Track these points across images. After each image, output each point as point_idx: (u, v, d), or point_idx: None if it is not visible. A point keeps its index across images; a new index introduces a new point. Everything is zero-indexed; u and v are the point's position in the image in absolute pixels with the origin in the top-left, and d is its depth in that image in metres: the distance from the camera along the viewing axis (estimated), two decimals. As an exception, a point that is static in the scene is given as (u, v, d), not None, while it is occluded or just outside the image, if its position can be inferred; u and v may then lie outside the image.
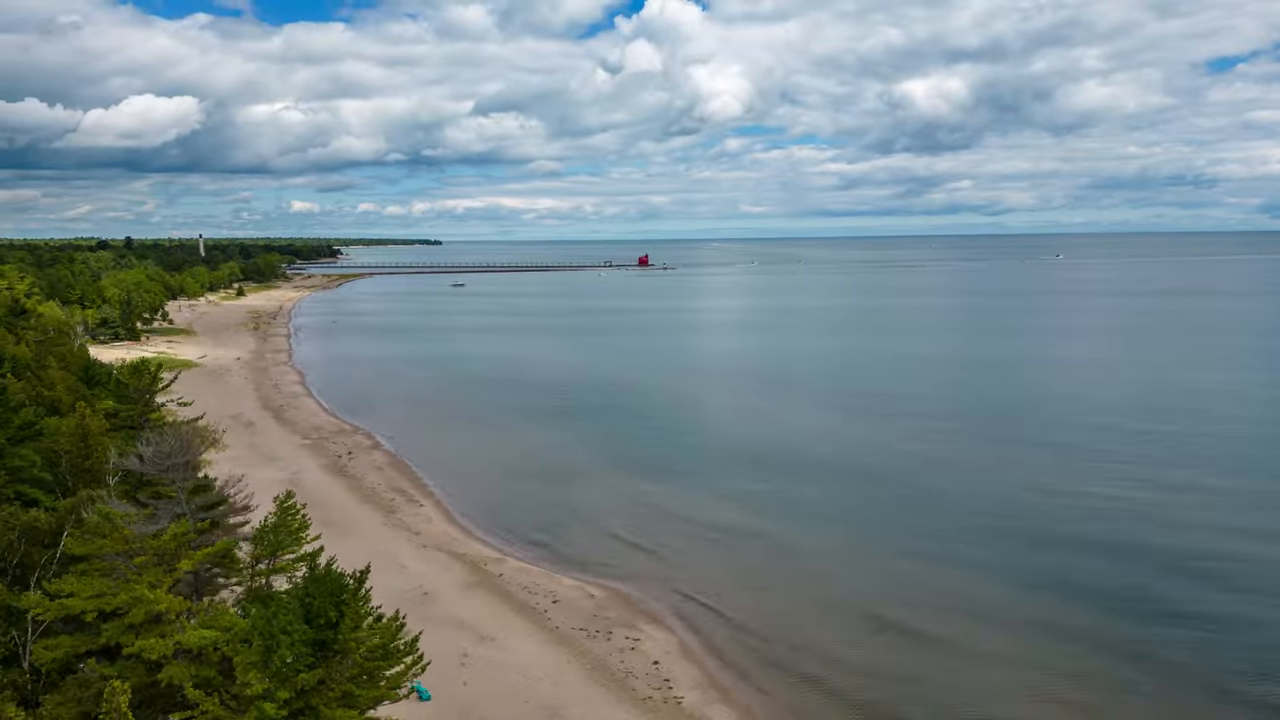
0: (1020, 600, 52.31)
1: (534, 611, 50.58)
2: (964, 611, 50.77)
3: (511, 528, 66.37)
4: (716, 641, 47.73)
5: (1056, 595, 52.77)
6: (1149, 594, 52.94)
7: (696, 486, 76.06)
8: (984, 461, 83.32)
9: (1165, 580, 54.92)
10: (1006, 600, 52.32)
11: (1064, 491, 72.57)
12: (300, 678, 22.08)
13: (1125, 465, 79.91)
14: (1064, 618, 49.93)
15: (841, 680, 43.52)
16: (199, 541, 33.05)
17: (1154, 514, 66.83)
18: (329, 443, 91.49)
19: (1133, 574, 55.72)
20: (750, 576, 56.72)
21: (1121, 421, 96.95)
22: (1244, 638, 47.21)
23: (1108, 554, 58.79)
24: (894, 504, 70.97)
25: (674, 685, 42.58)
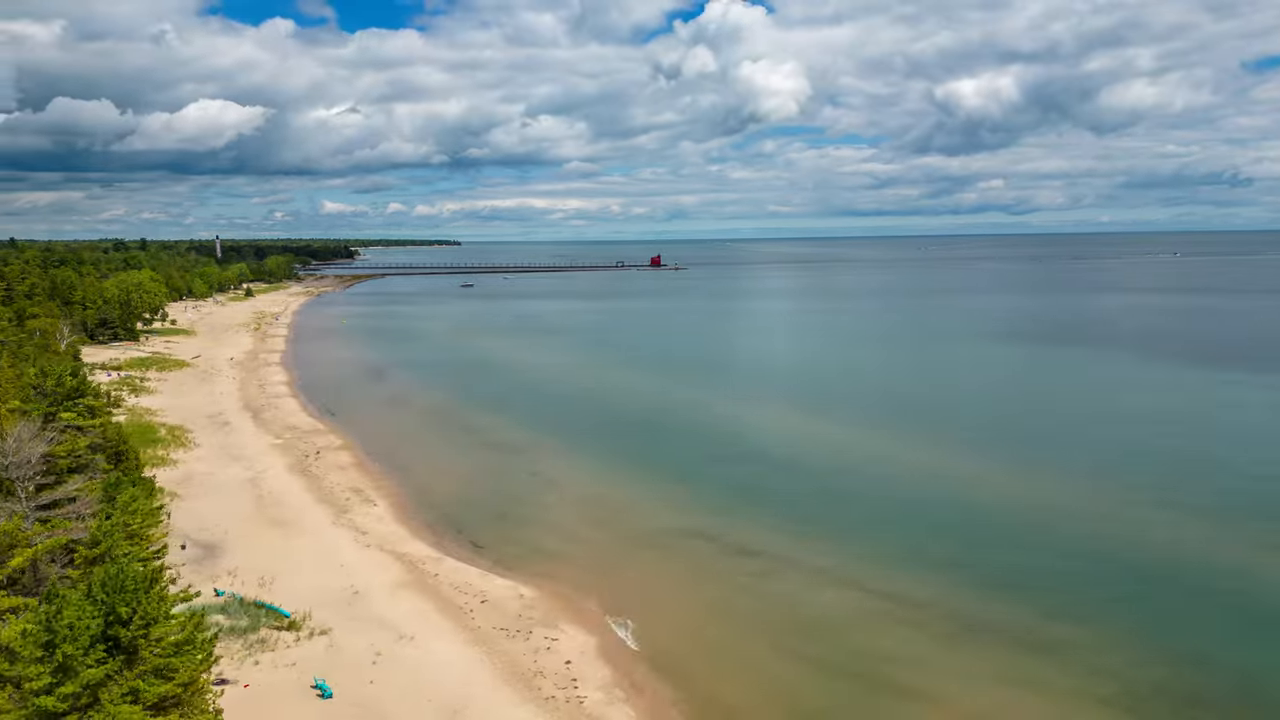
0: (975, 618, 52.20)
1: (459, 611, 50.98)
2: (901, 618, 50.78)
3: (462, 528, 66.81)
4: (638, 643, 47.93)
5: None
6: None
7: (661, 491, 76.07)
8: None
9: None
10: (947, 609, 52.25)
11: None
12: (86, 673, 22.54)
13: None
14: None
15: (755, 684, 43.63)
16: (37, 538, 33.35)
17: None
18: (300, 442, 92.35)
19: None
20: (690, 580, 56.85)
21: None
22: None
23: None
24: (851, 510, 70.87)
25: (580, 685, 42.86)
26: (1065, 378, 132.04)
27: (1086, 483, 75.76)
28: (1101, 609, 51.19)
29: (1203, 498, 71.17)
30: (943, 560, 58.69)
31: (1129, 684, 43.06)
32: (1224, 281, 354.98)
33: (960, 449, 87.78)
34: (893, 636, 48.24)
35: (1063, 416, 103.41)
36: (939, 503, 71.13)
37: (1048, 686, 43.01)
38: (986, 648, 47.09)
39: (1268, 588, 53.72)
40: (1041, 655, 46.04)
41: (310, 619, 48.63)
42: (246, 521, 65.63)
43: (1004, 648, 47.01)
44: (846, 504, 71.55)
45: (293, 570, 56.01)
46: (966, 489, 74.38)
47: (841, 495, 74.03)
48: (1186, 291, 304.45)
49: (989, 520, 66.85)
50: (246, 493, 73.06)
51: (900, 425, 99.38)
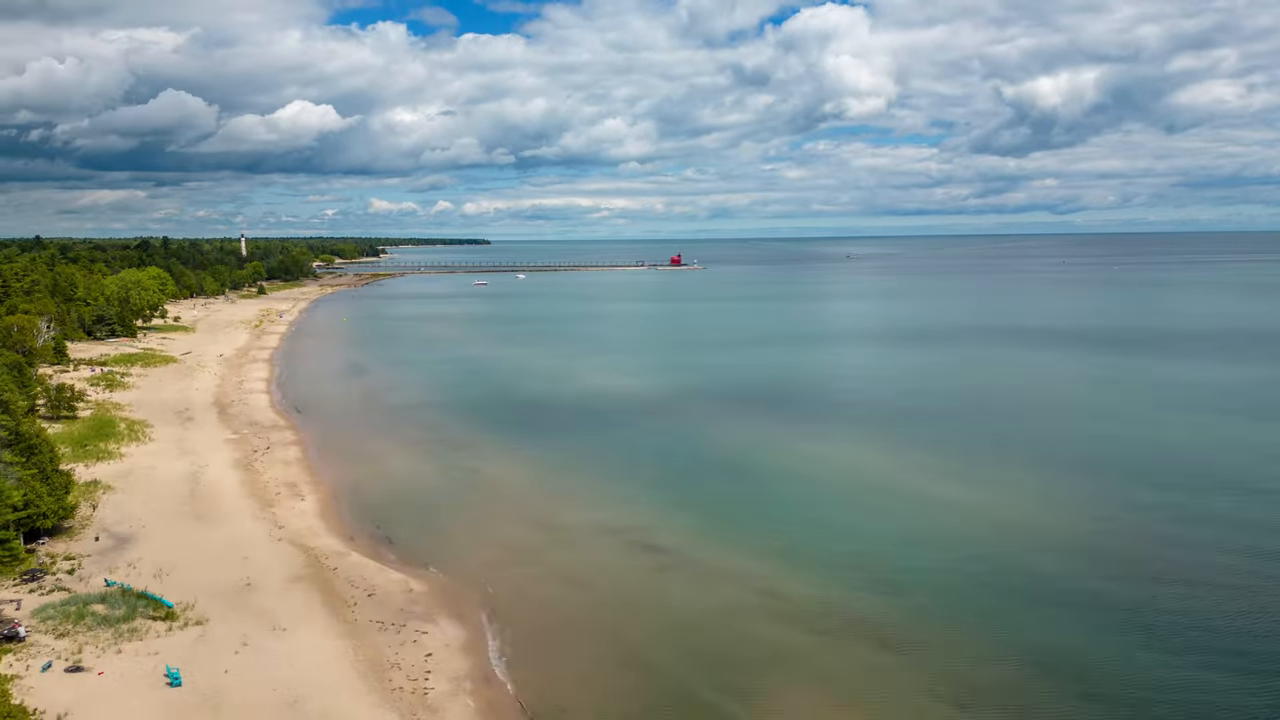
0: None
1: (343, 604, 51.76)
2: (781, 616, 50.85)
3: (381, 523, 67.62)
4: (506, 637, 48.39)
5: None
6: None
7: (591, 489, 76.92)
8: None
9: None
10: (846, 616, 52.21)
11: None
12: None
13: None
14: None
15: (607, 681, 44.00)
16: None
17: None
18: (256, 438, 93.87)
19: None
20: (582, 575, 57.27)
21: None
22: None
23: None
24: (768, 511, 70.95)
25: (433, 677, 43.43)
26: (1022, 378, 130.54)
27: (1011, 482, 75.15)
28: (974, 611, 50.86)
29: (1136, 503, 70.28)
30: (843, 561, 58.64)
31: (976, 685, 42.80)
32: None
33: (910, 451, 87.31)
34: (763, 634, 48.33)
35: (997, 413, 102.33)
36: (863, 505, 71.00)
37: (900, 685, 42.88)
38: (852, 645, 47.01)
39: (1146, 606, 53.05)
40: (901, 654, 45.89)
41: (192, 609, 49.67)
42: (169, 514, 66.96)
43: (868, 645, 46.87)
44: (766, 504, 71.62)
45: (195, 562, 57.12)
46: (898, 491, 74.07)
47: (765, 496, 74.12)
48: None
49: (912, 522, 66.55)
50: (181, 486, 74.49)
51: (856, 430, 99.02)
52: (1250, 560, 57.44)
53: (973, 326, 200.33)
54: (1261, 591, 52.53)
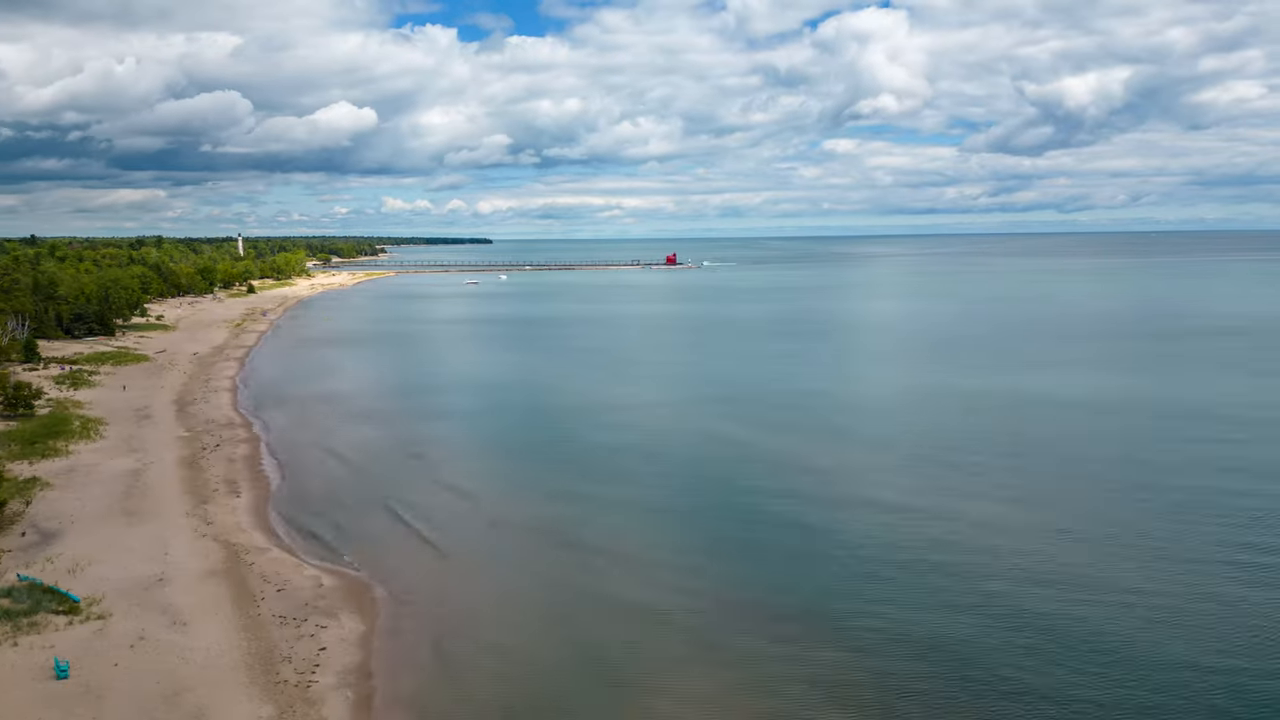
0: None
1: (250, 599, 52.48)
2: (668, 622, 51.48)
3: (310, 519, 68.28)
4: (407, 632, 49.07)
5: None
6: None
7: (532, 486, 77.70)
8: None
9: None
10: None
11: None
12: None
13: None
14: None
15: (493, 678, 44.69)
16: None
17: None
18: (208, 435, 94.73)
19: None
20: (496, 572, 58.02)
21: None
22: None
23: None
24: (705, 512, 71.58)
25: (319, 672, 44.10)
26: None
27: (935, 487, 75.70)
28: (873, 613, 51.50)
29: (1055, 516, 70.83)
30: (775, 560, 59.29)
31: (847, 682, 43.44)
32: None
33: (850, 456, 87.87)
34: (668, 633, 48.98)
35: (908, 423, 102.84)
36: (813, 508, 71.58)
37: (779, 683, 43.53)
38: (740, 649, 47.63)
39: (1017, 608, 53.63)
40: (791, 648, 46.54)
41: (98, 604, 50.42)
42: (101, 511, 67.73)
43: (755, 649, 47.50)
44: (704, 503, 72.22)
45: (114, 558, 57.88)
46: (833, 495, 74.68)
47: (706, 495, 74.70)
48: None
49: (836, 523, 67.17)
50: (120, 483, 75.29)
51: (812, 432, 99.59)
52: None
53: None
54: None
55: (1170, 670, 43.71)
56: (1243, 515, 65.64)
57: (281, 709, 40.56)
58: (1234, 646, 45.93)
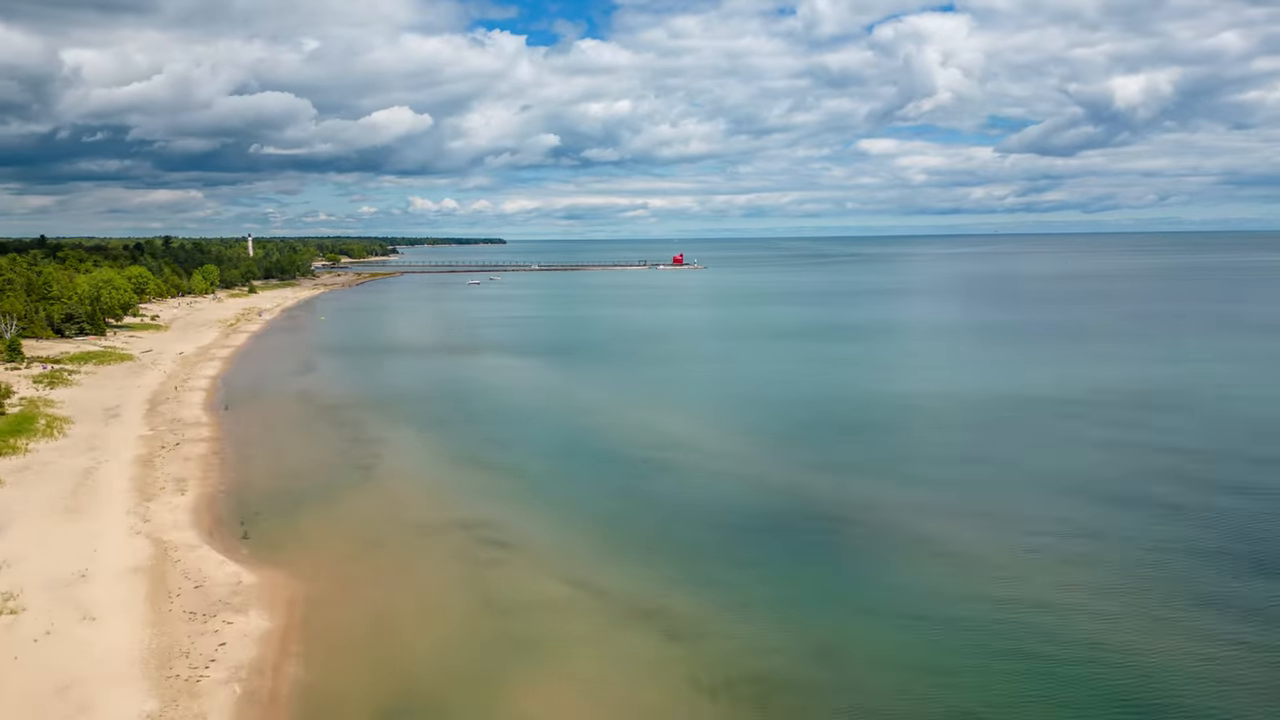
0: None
1: (165, 595, 53.51)
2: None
3: (253, 519, 68.88)
4: (312, 629, 49.94)
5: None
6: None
7: (478, 483, 78.96)
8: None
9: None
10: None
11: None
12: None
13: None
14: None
15: (390, 676, 45.49)
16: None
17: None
18: (171, 434, 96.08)
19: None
20: (415, 569, 58.90)
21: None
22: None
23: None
24: (634, 512, 72.25)
25: (214, 666, 45.02)
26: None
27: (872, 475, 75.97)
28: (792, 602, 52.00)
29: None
30: (689, 554, 59.97)
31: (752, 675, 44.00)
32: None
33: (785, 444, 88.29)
34: (570, 630, 49.73)
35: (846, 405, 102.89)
36: (743, 502, 72.12)
37: (677, 672, 44.19)
38: (642, 636, 48.29)
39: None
40: (688, 643, 47.17)
41: (15, 600, 51.58)
42: (44, 508, 69.02)
43: (659, 636, 48.15)
44: (634, 503, 72.91)
45: (42, 554, 59.07)
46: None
47: (639, 495, 75.35)
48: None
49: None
50: (69, 481, 76.61)
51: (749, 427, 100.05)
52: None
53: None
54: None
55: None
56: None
57: (165, 703, 41.51)
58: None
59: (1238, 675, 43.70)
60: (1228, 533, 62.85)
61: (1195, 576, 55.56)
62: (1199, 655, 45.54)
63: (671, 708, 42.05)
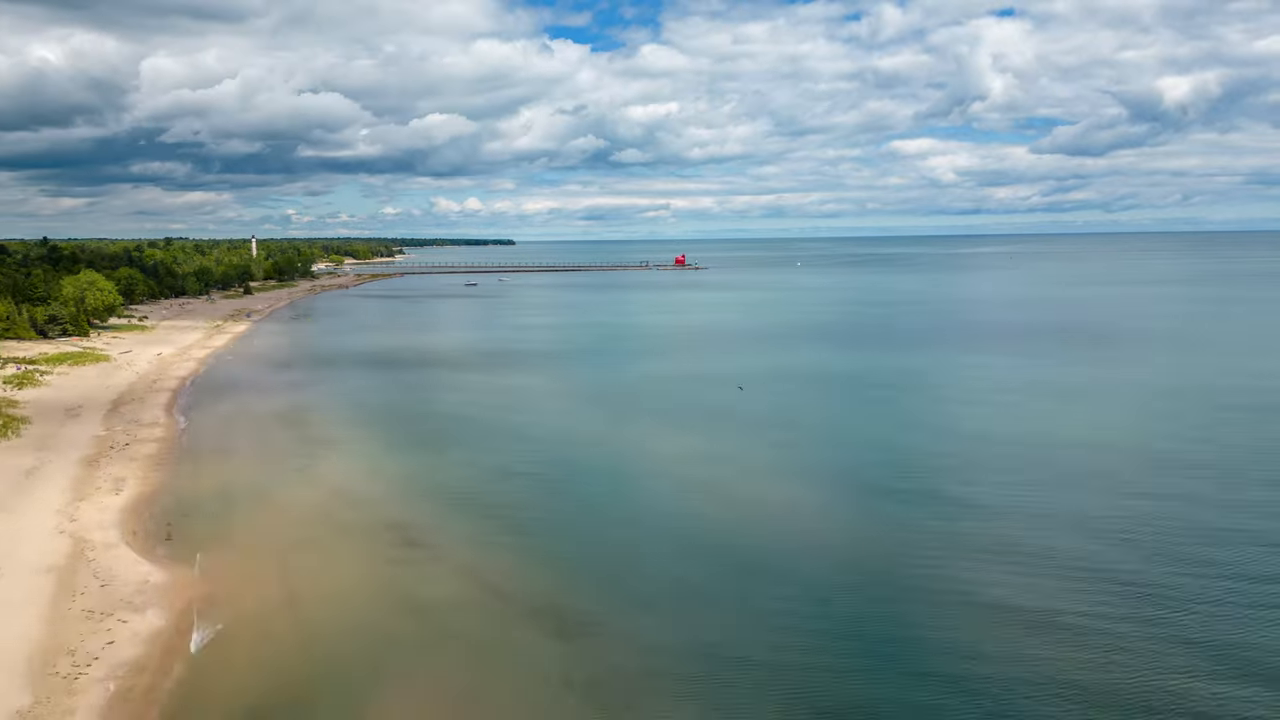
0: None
1: (69, 594, 54.39)
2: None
3: (177, 518, 69.81)
4: (203, 629, 50.72)
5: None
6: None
7: (411, 486, 79.57)
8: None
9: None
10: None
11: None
12: None
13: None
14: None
15: (266, 678, 46.25)
16: None
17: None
18: (124, 435, 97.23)
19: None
20: (325, 571, 59.66)
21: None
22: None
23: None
24: (556, 514, 72.84)
25: (96, 664, 45.82)
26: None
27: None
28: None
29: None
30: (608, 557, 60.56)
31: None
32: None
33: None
34: (465, 632, 50.40)
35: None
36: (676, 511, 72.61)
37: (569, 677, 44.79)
38: (535, 639, 48.91)
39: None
40: (579, 642, 47.75)
41: (-80, 597, 52.62)
42: (-24, 507, 70.17)
43: (558, 645, 48.76)
44: (564, 505, 73.53)
45: (-40, 552, 60.14)
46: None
47: (570, 498, 75.96)
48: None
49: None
50: (8, 480, 77.77)
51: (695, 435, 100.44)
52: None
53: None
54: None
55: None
56: None
57: (39, 699, 42.33)
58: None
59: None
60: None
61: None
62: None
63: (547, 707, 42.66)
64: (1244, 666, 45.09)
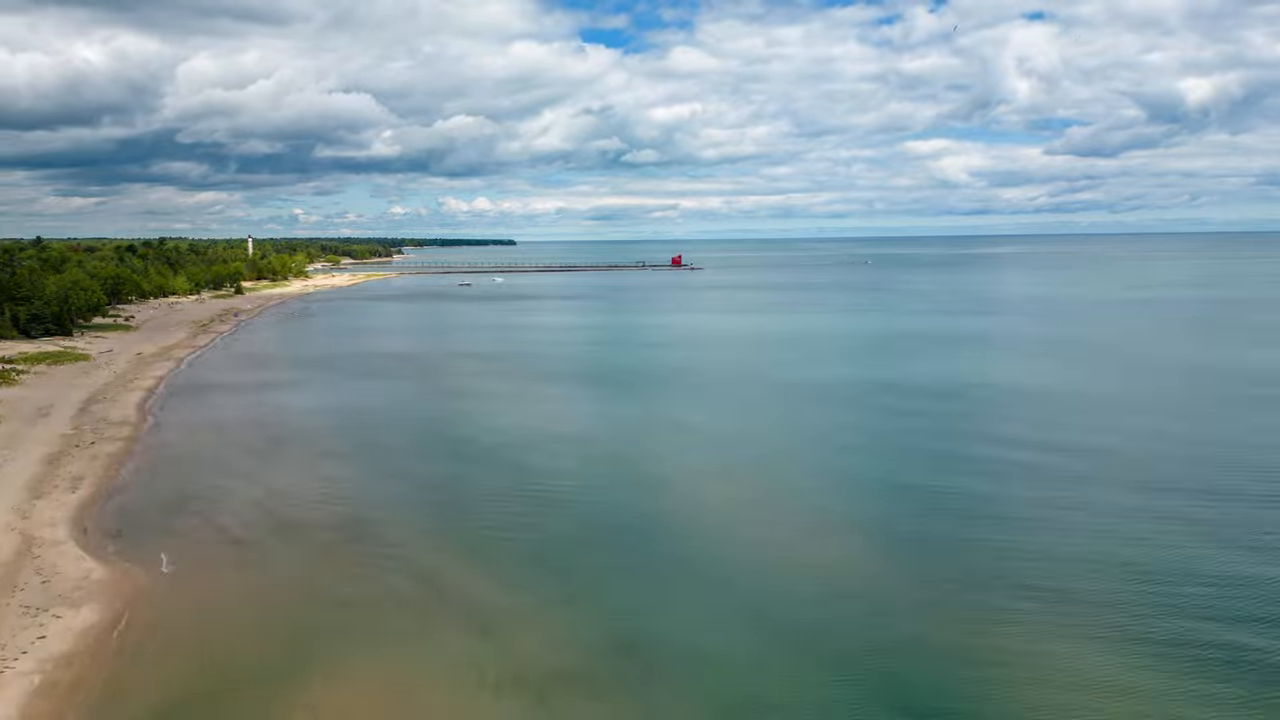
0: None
1: (9, 589, 54.88)
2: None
3: (132, 518, 69.88)
4: (136, 626, 51.16)
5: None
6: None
7: (367, 486, 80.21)
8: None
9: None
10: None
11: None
12: None
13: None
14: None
15: (187, 685, 46.79)
16: None
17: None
18: (91, 434, 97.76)
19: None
20: (260, 569, 60.29)
21: None
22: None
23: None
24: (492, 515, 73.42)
25: (25, 658, 46.28)
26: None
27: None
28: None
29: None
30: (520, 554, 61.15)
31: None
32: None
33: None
34: (400, 628, 50.93)
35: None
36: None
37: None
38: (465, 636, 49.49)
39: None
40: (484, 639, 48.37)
41: None
42: (-70, 504, 70.77)
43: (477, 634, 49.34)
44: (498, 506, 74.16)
45: (-94, 549, 60.73)
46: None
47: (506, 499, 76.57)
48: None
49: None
50: (-33, 479, 78.44)
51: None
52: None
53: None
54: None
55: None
56: None
57: (-40, 693, 42.92)
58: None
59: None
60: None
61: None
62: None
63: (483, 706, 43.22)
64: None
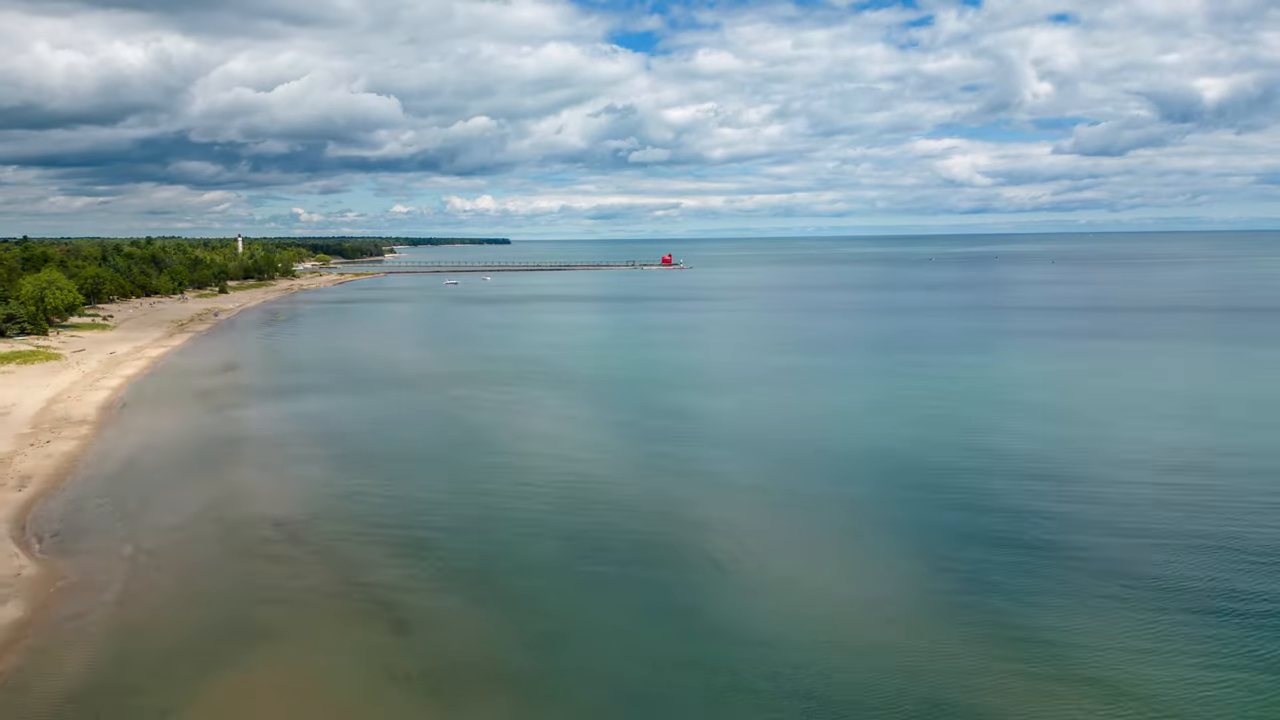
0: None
1: (-62, 588, 55.53)
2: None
3: (74, 517, 70.04)
4: (52, 627, 51.40)
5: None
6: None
7: (322, 485, 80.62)
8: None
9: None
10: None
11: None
12: None
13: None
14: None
15: (104, 685, 47.26)
16: None
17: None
18: (48, 433, 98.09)
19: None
20: (202, 567, 60.74)
21: None
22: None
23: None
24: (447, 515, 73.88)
25: (-66, 657, 46.94)
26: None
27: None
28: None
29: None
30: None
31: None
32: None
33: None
34: (313, 624, 51.42)
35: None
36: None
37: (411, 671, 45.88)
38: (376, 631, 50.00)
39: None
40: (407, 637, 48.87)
41: None
42: (-128, 504, 71.17)
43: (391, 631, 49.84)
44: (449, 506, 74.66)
45: None
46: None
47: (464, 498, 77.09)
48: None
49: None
50: (-86, 478, 78.83)
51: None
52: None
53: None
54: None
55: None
56: None
57: None
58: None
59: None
60: None
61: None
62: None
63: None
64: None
